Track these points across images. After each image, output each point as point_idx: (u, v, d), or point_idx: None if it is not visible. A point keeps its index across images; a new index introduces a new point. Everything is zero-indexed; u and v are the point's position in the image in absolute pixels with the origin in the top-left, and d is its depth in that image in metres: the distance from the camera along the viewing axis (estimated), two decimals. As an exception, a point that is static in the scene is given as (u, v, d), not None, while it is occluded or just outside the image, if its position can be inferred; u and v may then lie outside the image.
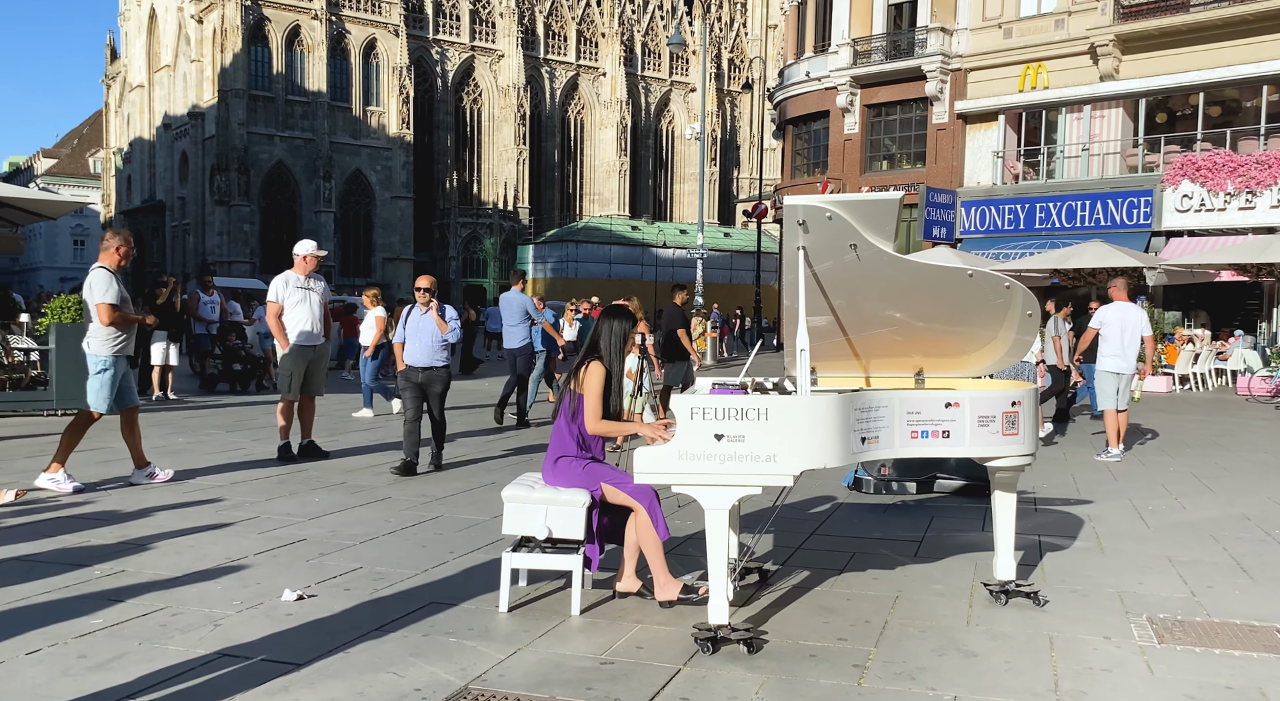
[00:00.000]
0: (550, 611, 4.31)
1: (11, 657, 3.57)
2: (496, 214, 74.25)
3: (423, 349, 7.88)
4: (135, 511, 6.19)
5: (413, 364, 7.89)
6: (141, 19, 76.27)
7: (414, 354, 7.90)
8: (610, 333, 4.46)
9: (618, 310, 4.59)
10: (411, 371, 7.91)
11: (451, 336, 7.92)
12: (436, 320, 7.85)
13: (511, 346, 11.41)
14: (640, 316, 10.23)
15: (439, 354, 7.93)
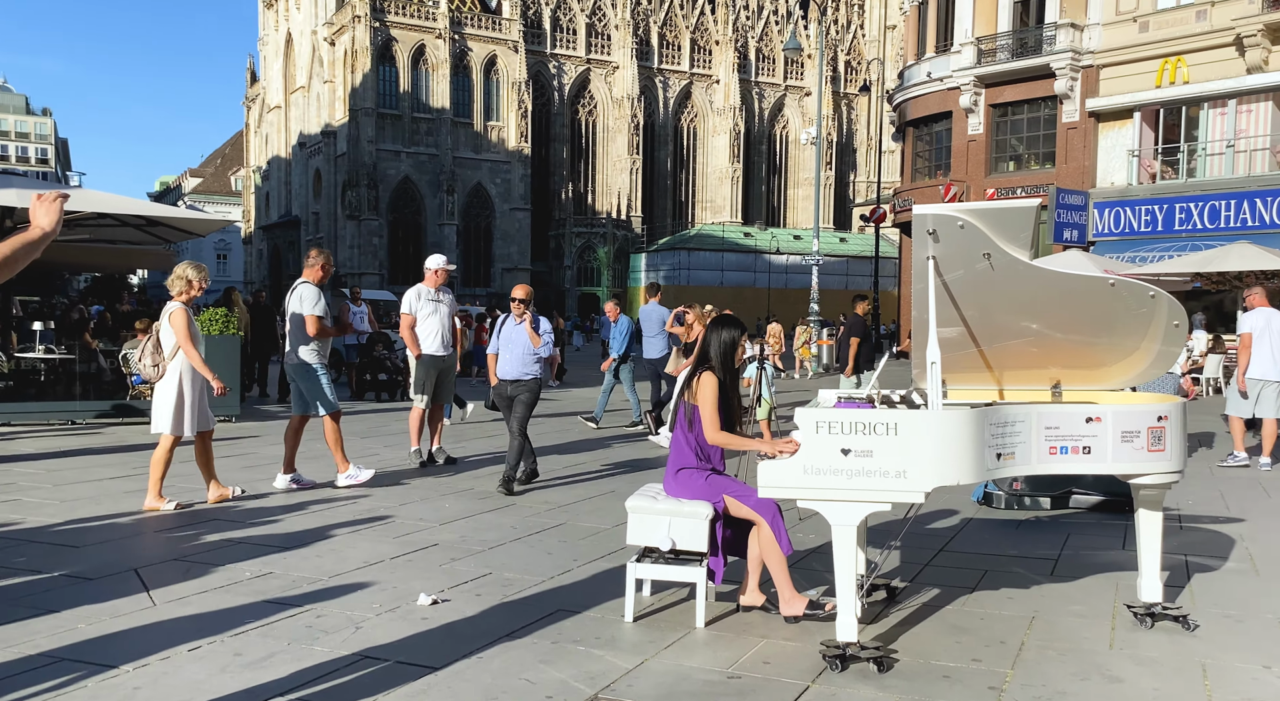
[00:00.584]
0: (675, 622, 4.33)
1: (175, 654, 3.81)
2: (610, 223, 75.14)
3: (514, 360, 7.60)
4: (278, 515, 6.52)
5: (503, 376, 7.64)
6: (279, 43, 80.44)
7: (504, 366, 7.65)
8: (719, 342, 4.46)
9: (726, 320, 4.59)
10: (502, 385, 7.66)
11: (544, 350, 7.58)
12: (529, 333, 7.53)
13: (652, 356, 11.78)
14: (703, 324, 10.23)
15: (529, 366, 7.61)
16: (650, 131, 79.05)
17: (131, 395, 11.86)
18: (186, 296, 6.73)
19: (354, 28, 66.00)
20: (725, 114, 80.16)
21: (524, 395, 7.61)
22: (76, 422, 11.22)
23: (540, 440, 10.43)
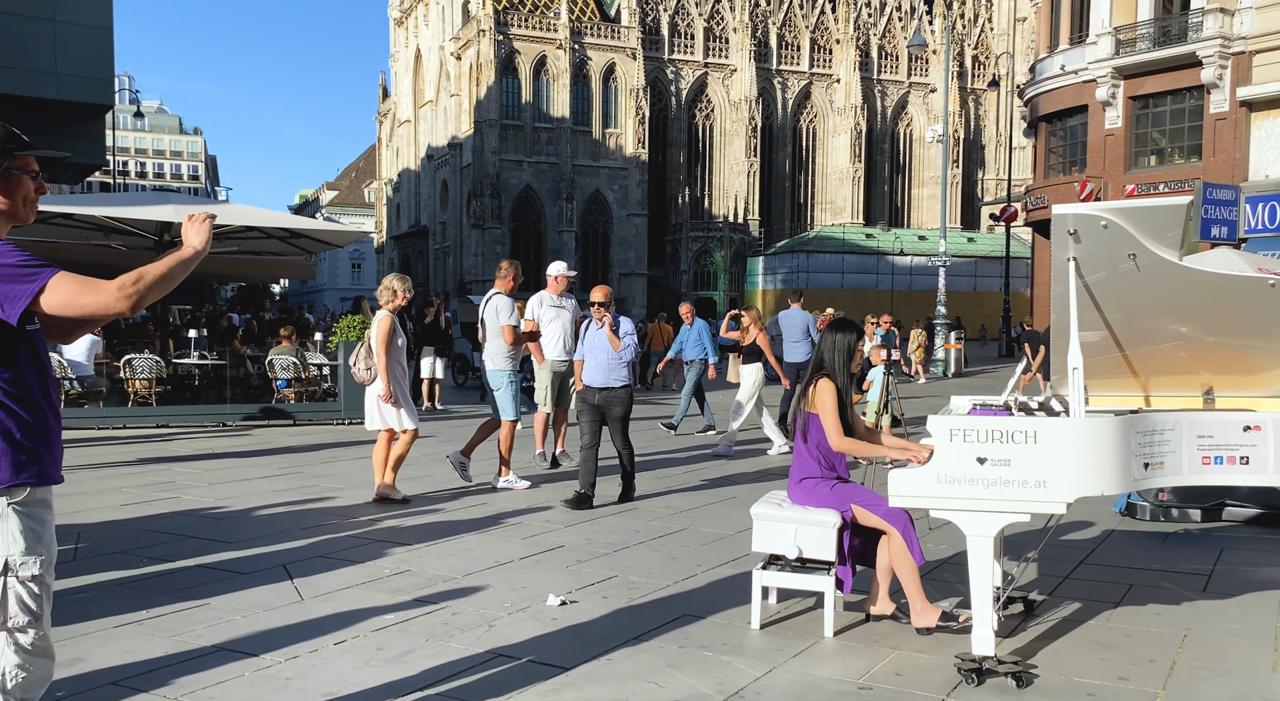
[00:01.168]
0: (802, 631, 4.29)
1: (323, 647, 4.01)
2: (727, 227, 74.91)
3: (598, 367, 7.21)
4: (412, 514, 6.76)
5: (589, 383, 7.25)
6: (409, 59, 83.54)
7: (590, 373, 7.27)
8: (834, 347, 4.38)
9: (843, 323, 4.51)
10: (588, 392, 7.26)
11: (626, 354, 7.18)
12: (609, 336, 7.16)
13: (794, 360, 11.95)
14: (759, 326, 10.04)
15: (615, 372, 7.17)
16: (768, 133, 78.46)
17: (276, 399, 12.52)
18: (393, 305, 7.27)
19: (479, 42, 67.91)
20: (846, 113, 78.84)
21: (615, 408, 7.20)
22: (226, 424, 11.91)
23: (658, 444, 10.49)
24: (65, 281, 2.29)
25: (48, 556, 2.43)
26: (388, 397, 7.10)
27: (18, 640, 2.38)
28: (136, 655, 3.87)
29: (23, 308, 2.27)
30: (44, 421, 2.43)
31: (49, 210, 11.49)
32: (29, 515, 2.39)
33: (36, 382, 2.43)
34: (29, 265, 2.29)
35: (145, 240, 12.26)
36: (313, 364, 12.98)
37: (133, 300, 2.30)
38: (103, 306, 2.30)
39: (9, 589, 2.35)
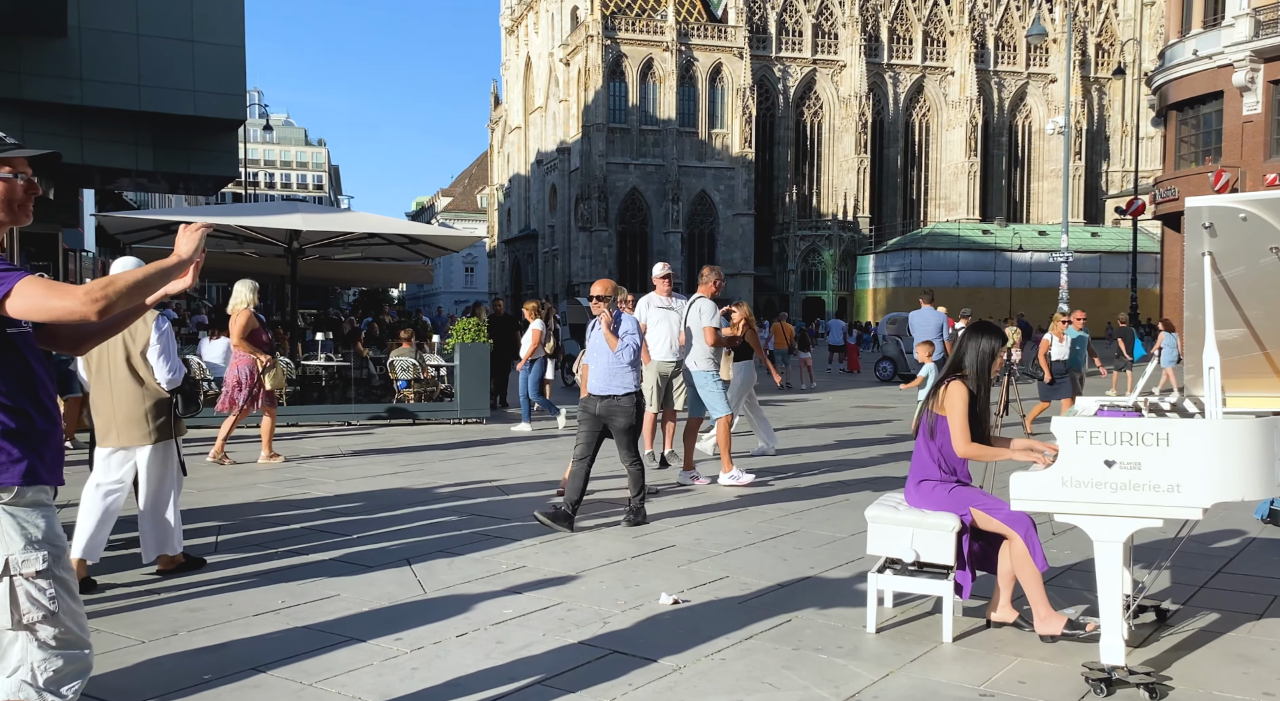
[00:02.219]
0: (920, 636, 4.22)
1: (445, 639, 4.15)
2: (835, 225, 73.80)
3: (599, 372, 6.49)
4: (524, 512, 6.91)
5: (592, 390, 6.52)
6: (519, 67, 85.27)
7: (592, 379, 6.56)
8: (977, 351, 4.27)
9: (986, 327, 4.39)
10: (590, 400, 6.53)
11: (625, 355, 6.39)
12: (606, 335, 6.40)
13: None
14: (752, 324, 9.78)
15: (619, 378, 6.40)
16: (879, 129, 76.97)
17: (397, 399, 12.97)
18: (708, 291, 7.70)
19: (587, 47, 68.79)
20: (961, 106, 76.66)
21: (619, 419, 6.42)
22: (350, 424, 12.40)
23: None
24: (32, 286, 2.27)
25: (52, 550, 2.40)
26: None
27: (39, 635, 2.36)
28: (274, 642, 4.09)
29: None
30: (31, 425, 2.41)
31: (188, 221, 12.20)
32: (23, 514, 2.38)
33: (21, 387, 2.40)
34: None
35: (276, 247, 12.89)
36: (431, 365, 13.40)
37: (100, 305, 2.26)
38: (69, 310, 2.26)
39: (16, 588, 2.34)
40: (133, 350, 5.09)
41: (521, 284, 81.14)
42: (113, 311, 2.30)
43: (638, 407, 6.51)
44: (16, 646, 2.36)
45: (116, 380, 5.08)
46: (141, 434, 5.08)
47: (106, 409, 5.10)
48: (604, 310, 6.45)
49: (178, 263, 2.49)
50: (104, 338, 2.75)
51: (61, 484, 2.52)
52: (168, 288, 2.50)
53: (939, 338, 11.58)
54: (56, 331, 2.60)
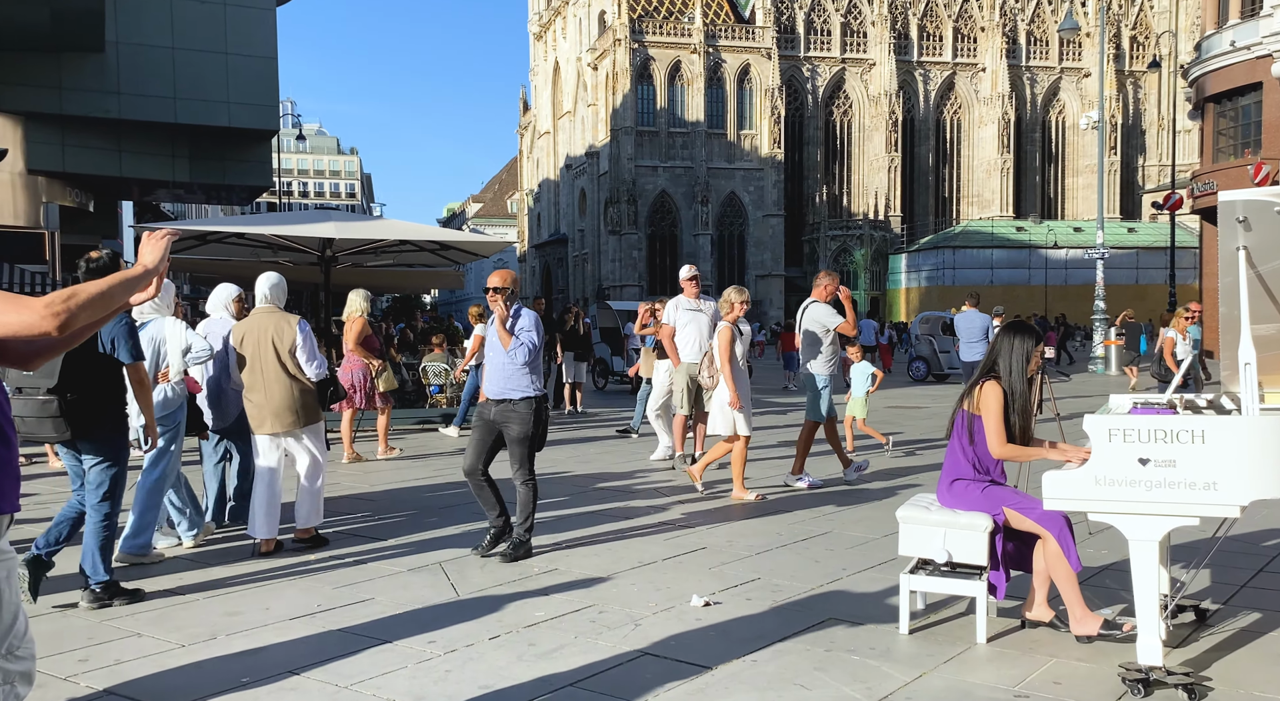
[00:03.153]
0: (953, 637, 4.19)
1: (478, 641, 4.19)
2: (867, 224, 73.37)
3: (493, 374, 5.75)
4: (554, 516, 6.95)
5: (487, 393, 5.80)
6: (547, 72, 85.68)
7: (487, 381, 5.83)
8: (1011, 351, 4.24)
9: (1020, 326, 4.35)
10: (485, 405, 5.80)
11: (520, 355, 5.61)
12: (499, 332, 5.66)
13: (969, 360, 12.18)
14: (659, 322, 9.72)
15: (514, 380, 5.64)
16: (909, 127, 76.42)
17: (430, 404, 13.06)
18: (732, 316, 7.64)
19: (614, 51, 68.95)
20: (993, 103, 75.92)
21: (513, 427, 5.65)
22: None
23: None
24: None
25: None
26: (736, 404, 7.36)
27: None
28: (309, 645, 4.15)
29: None
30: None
31: (223, 230, 12.38)
32: None
33: None
34: None
35: (310, 255, 13.03)
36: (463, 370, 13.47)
37: (61, 319, 2.10)
38: (26, 325, 2.09)
39: None
40: (280, 349, 5.90)
41: (552, 288, 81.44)
42: (74, 325, 2.14)
43: (537, 416, 5.67)
44: None
45: (269, 376, 5.89)
46: (292, 421, 5.89)
47: (260, 400, 5.92)
48: (499, 303, 5.63)
49: (143, 272, 2.36)
50: (57, 353, 2.53)
51: (16, 510, 2.32)
52: (132, 297, 2.37)
53: (984, 340, 11.54)
54: (5, 346, 2.35)
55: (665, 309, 9.06)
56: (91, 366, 4.59)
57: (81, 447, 4.71)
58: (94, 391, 4.59)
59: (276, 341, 5.91)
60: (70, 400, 4.49)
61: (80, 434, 4.59)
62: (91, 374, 4.59)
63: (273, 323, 5.98)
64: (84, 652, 4.03)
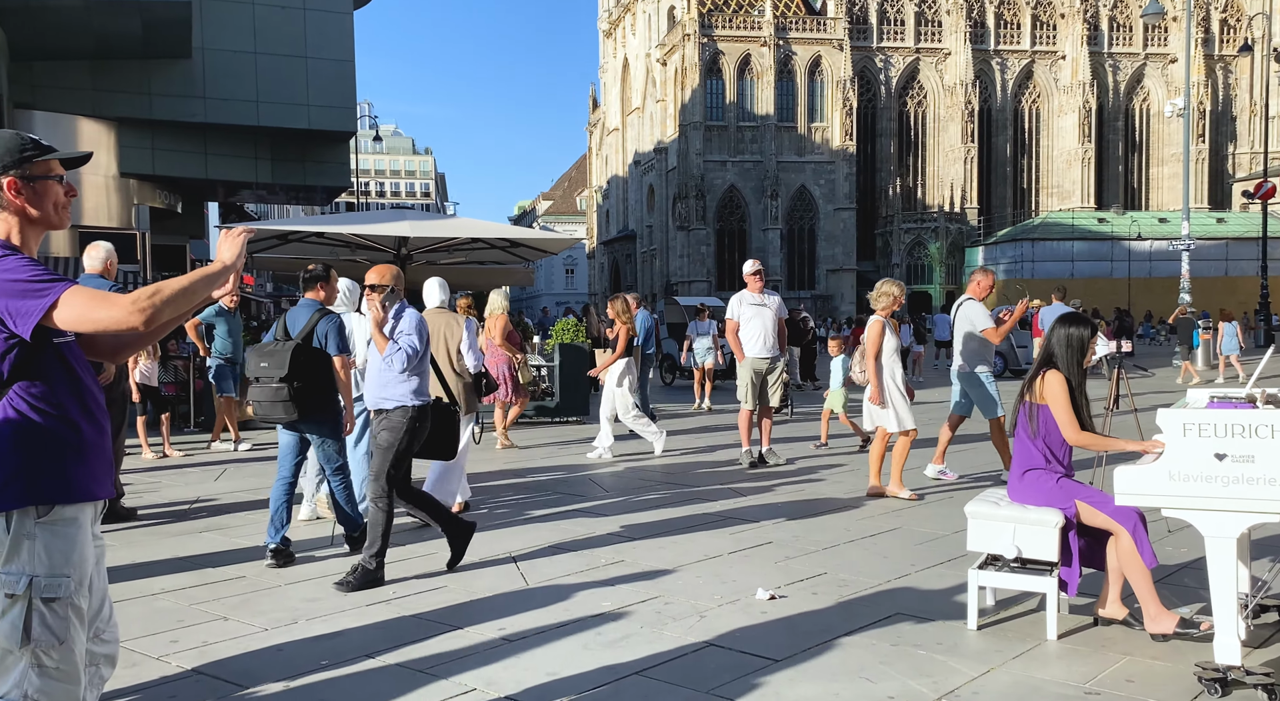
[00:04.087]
0: (1023, 633, 4.14)
1: (547, 629, 4.28)
2: (942, 217, 72.06)
3: (370, 380, 5.27)
4: (620, 508, 7.02)
5: (366, 402, 5.43)
6: (617, 69, 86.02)
7: (365, 387, 5.41)
8: (1067, 342, 4.23)
9: (1074, 317, 4.32)
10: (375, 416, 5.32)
11: (396, 361, 5.02)
12: (374, 335, 5.13)
13: None
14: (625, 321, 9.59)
15: (389, 388, 5.11)
16: (986, 117, 74.75)
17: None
18: (887, 310, 7.56)
19: (684, 46, 68.88)
20: (1073, 91, 73.81)
21: (381, 434, 5.12)
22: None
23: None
24: (78, 296, 2.22)
25: (76, 577, 2.33)
26: (877, 400, 7.37)
27: (40, 660, 2.28)
28: (385, 630, 4.29)
29: (34, 322, 2.22)
30: (79, 437, 2.35)
31: (303, 230, 12.76)
32: (57, 533, 2.30)
33: (72, 397, 2.35)
34: (41, 280, 2.24)
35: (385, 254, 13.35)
36: (532, 365, 13.66)
37: (146, 314, 2.21)
38: (115, 321, 2.21)
39: (33, 608, 2.26)
40: (451, 345, 6.74)
41: (620, 284, 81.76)
42: (158, 320, 2.25)
43: (412, 430, 5.11)
44: (18, 667, 2.28)
45: (439, 368, 6.31)
46: None
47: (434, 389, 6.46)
48: (375, 304, 5.09)
49: (222, 268, 2.44)
50: (142, 346, 2.68)
51: (111, 495, 2.47)
52: (212, 292, 2.45)
53: None
54: (95, 340, 2.50)
55: (730, 304, 9.06)
56: (311, 359, 5.42)
57: (303, 428, 5.58)
58: (313, 380, 5.40)
59: (448, 338, 6.74)
60: (296, 387, 5.30)
61: (304, 416, 5.40)
62: (311, 365, 5.41)
63: (444, 321, 6.81)
64: (174, 634, 4.23)
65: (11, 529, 2.27)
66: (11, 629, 2.26)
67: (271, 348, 5.47)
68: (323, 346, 5.53)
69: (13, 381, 2.28)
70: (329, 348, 5.54)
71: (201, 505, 7.31)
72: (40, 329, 2.23)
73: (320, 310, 5.71)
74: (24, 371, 2.29)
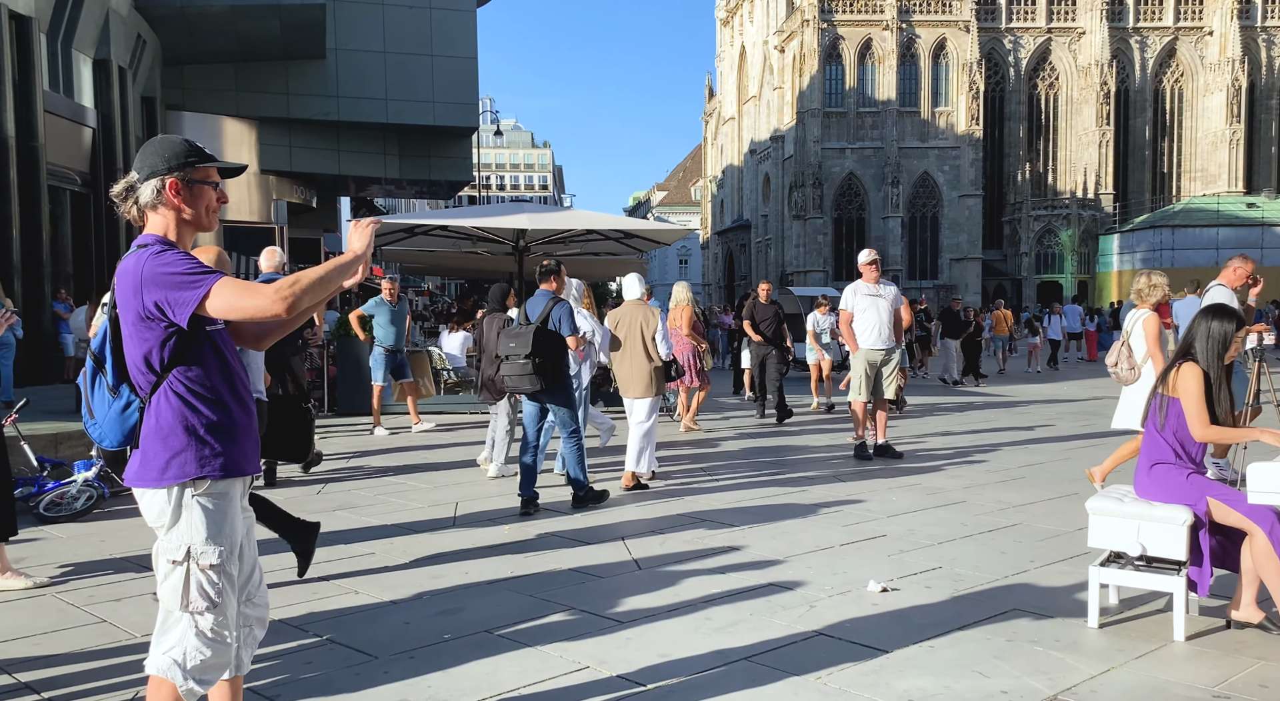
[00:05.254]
0: (1148, 633, 4.00)
1: (657, 612, 4.37)
2: (1074, 203, 68.85)
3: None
4: (737, 499, 7.06)
5: None
6: (733, 57, 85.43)
7: None
8: (1208, 335, 4.05)
9: (1221, 309, 4.11)
10: None
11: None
12: None
13: None
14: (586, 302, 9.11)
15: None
16: (1123, 98, 71.01)
17: (613, 387, 13.44)
18: (1158, 303, 7.14)
19: (802, 32, 67.83)
20: (1221, 69, 69.31)
21: None
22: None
23: (985, 433, 10.01)
24: (227, 287, 2.39)
25: (228, 546, 2.54)
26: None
27: (198, 623, 2.51)
28: (502, 607, 4.46)
29: (190, 311, 2.40)
30: (230, 418, 2.54)
31: (428, 223, 13.23)
32: (211, 506, 2.51)
33: (223, 381, 2.54)
34: (195, 272, 2.41)
35: (505, 246, 13.70)
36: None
37: (288, 302, 2.36)
38: (261, 309, 2.37)
39: (190, 575, 2.49)
40: (646, 334, 7.62)
41: (734, 274, 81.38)
42: (299, 308, 2.40)
43: None
44: (179, 627, 2.53)
45: (635, 353, 7.64)
46: (644, 389, 7.60)
47: (626, 372, 7.70)
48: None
49: (354, 258, 2.55)
50: (283, 334, 2.84)
51: (258, 471, 2.69)
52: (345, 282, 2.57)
53: None
54: (240, 328, 2.72)
55: (844, 294, 8.96)
56: (548, 339, 6.47)
57: (544, 398, 6.61)
58: (552, 357, 6.46)
59: (644, 327, 7.60)
60: (539, 363, 6.37)
61: (545, 388, 6.44)
62: (549, 345, 6.46)
63: (641, 313, 7.72)
64: (310, 605, 4.51)
65: (173, 502, 2.50)
66: (173, 591, 2.52)
67: (517, 331, 6.55)
68: (557, 329, 6.57)
69: (171, 367, 2.50)
70: (562, 329, 6.59)
71: (335, 481, 7.71)
72: (194, 317, 2.42)
73: (553, 298, 6.76)
74: (180, 358, 2.50)
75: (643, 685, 3.52)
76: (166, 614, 2.56)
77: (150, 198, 2.53)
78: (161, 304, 2.42)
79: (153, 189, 2.53)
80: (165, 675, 2.53)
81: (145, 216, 2.57)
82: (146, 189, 2.53)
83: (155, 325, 2.44)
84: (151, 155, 2.54)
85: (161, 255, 2.45)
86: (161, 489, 2.49)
